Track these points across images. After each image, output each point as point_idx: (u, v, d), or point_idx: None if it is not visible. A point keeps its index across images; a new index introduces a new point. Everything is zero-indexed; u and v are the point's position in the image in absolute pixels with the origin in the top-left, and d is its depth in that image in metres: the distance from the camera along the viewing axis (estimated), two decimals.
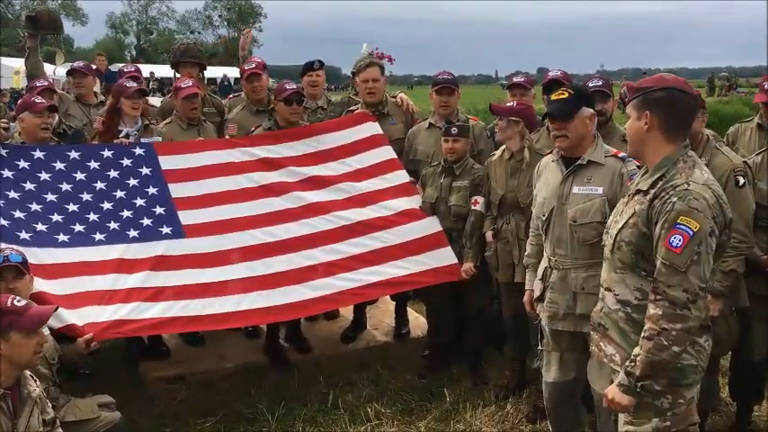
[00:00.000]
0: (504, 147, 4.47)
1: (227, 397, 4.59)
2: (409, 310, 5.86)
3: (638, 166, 3.10)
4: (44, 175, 4.43)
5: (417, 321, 5.82)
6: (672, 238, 2.45)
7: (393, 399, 4.53)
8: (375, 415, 4.32)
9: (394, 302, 5.70)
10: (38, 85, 5.26)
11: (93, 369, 4.78)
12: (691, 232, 2.43)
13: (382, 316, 5.95)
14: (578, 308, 3.32)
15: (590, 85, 4.64)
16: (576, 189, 3.39)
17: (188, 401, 4.54)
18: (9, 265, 3.48)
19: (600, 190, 3.32)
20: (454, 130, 4.66)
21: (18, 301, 2.98)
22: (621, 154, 3.41)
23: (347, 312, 5.76)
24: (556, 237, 3.43)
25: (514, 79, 4.99)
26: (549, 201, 3.47)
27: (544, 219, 3.48)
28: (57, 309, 3.32)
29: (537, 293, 3.57)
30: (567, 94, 3.39)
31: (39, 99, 4.74)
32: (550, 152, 3.68)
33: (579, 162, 3.40)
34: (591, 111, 3.39)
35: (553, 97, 3.48)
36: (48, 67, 7.63)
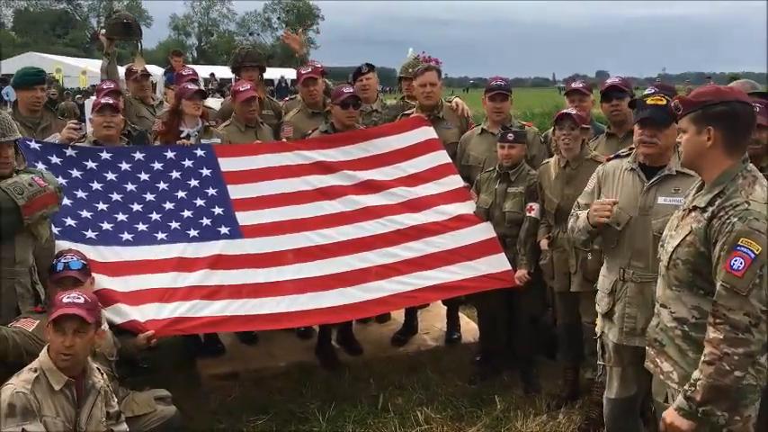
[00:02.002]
0: (556, 155, 4.42)
1: (279, 395, 4.66)
2: (461, 315, 5.84)
3: None
4: (110, 176, 4.58)
5: (469, 327, 5.80)
6: (733, 261, 2.38)
7: (443, 404, 4.53)
8: (425, 419, 4.31)
9: (445, 307, 5.69)
10: (104, 87, 5.42)
11: (151, 364, 4.92)
12: (752, 255, 2.36)
13: (433, 320, 5.96)
14: None
15: (608, 81, 4.57)
16: (661, 200, 3.29)
17: (241, 398, 4.63)
18: (68, 275, 3.61)
19: None
20: (510, 136, 4.63)
21: (78, 298, 3.09)
22: None
23: (398, 315, 5.78)
24: (635, 249, 3.34)
25: (573, 85, 4.92)
26: (627, 211, 3.36)
27: (619, 229, 3.38)
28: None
29: (604, 308, 3.49)
30: (665, 101, 3.28)
31: (104, 99, 4.88)
32: (613, 157, 3.60)
33: (666, 172, 3.32)
34: None
35: (650, 101, 3.34)
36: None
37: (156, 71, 12.24)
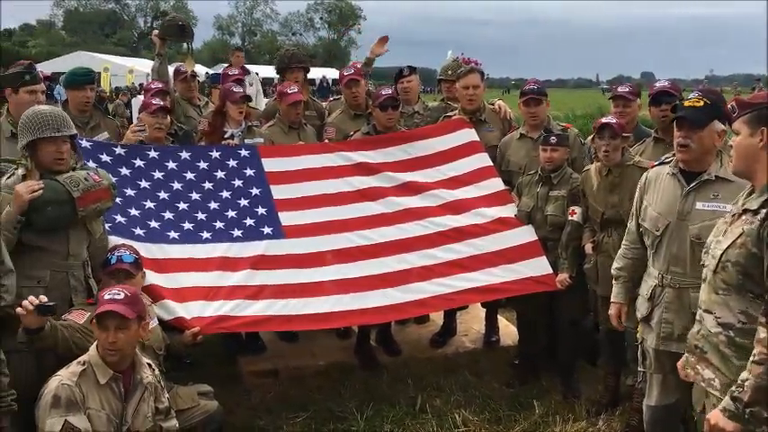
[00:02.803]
0: (596, 163, 4.38)
1: (318, 394, 4.70)
2: (499, 317, 5.83)
3: None
4: (158, 174, 4.68)
5: (507, 330, 5.78)
6: None
7: (481, 406, 4.52)
8: (463, 421, 4.31)
9: (484, 309, 5.68)
10: (152, 87, 5.54)
11: (193, 359, 5.02)
12: None
13: (472, 322, 5.95)
14: None
15: (657, 85, 4.48)
16: (699, 205, 3.25)
17: (281, 396, 4.68)
18: (121, 267, 3.70)
19: (729, 207, 3.14)
20: (553, 140, 4.60)
21: (118, 294, 3.14)
22: None
23: (437, 317, 5.79)
24: (672, 254, 3.32)
25: (619, 89, 4.86)
26: (666, 216, 3.34)
27: (658, 234, 3.37)
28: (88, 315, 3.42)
29: (644, 313, 3.46)
30: (702, 103, 3.23)
31: (155, 101, 5.01)
32: (658, 164, 3.57)
33: (705, 177, 3.27)
34: (722, 126, 3.23)
35: (687, 103, 3.31)
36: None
37: (201, 70, 12.35)
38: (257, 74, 10.41)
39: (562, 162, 4.66)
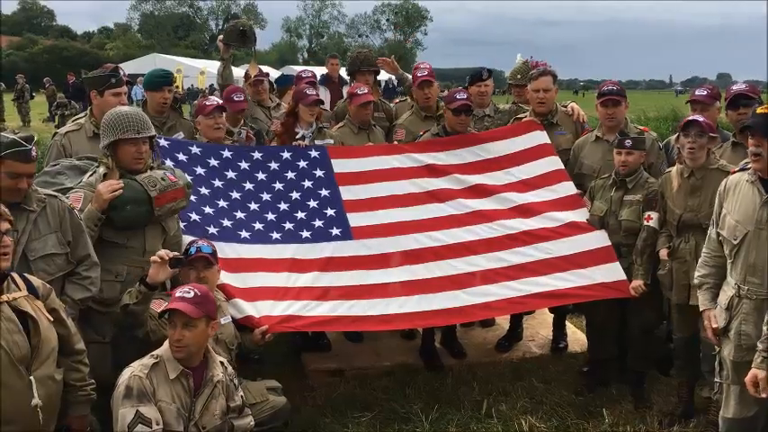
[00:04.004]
0: (678, 165, 4.24)
1: (383, 394, 4.71)
2: (567, 323, 5.72)
3: None
4: (230, 174, 4.79)
5: (575, 336, 5.67)
6: None
7: (548, 413, 4.44)
8: (529, 428, 4.25)
9: (552, 315, 5.59)
10: (235, 99, 5.46)
11: (262, 356, 5.10)
12: None
13: (539, 327, 5.86)
14: None
15: (734, 87, 4.31)
16: None
17: (346, 395, 4.71)
18: (201, 255, 3.78)
19: None
20: (628, 143, 4.48)
21: (188, 293, 3.23)
22: None
23: (503, 321, 5.73)
24: (750, 264, 3.23)
25: (696, 92, 4.70)
26: (744, 225, 3.26)
27: (735, 243, 3.28)
28: (163, 313, 3.44)
29: (721, 323, 3.36)
30: None
31: (208, 101, 5.07)
32: (738, 170, 3.45)
33: None
34: None
35: (759, 110, 3.23)
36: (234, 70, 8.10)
37: (275, 74, 12.49)
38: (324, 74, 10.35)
39: (637, 166, 4.54)
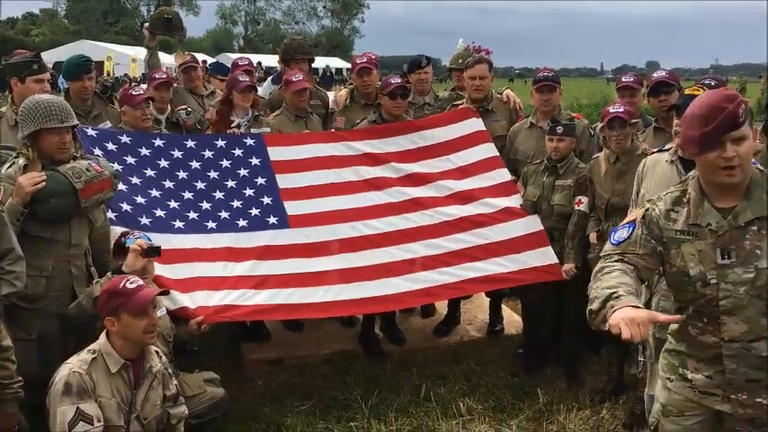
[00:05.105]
0: (605, 150, 4.37)
1: (323, 382, 4.72)
2: (504, 307, 5.84)
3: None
4: (163, 163, 4.68)
5: (511, 319, 5.79)
6: None
7: (485, 395, 4.54)
8: (467, 410, 4.33)
9: (489, 299, 5.69)
10: (156, 77, 5.50)
11: (200, 347, 5.04)
12: None
13: (476, 311, 5.96)
14: None
15: (654, 75, 4.45)
16: None
17: (285, 384, 4.70)
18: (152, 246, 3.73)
19: None
20: (560, 129, 4.59)
21: (131, 284, 3.15)
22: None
23: (442, 309, 5.80)
24: None
25: (623, 79, 4.84)
26: None
27: None
28: (165, 293, 3.52)
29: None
30: (701, 92, 3.20)
31: (136, 91, 4.94)
32: (657, 151, 3.57)
33: None
34: None
35: (687, 91, 3.38)
36: (164, 57, 7.92)
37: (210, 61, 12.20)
38: (260, 62, 10.24)
39: (568, 152, 4.65)
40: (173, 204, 4.54)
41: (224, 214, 4.63)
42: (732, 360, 2.44)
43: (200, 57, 7.76)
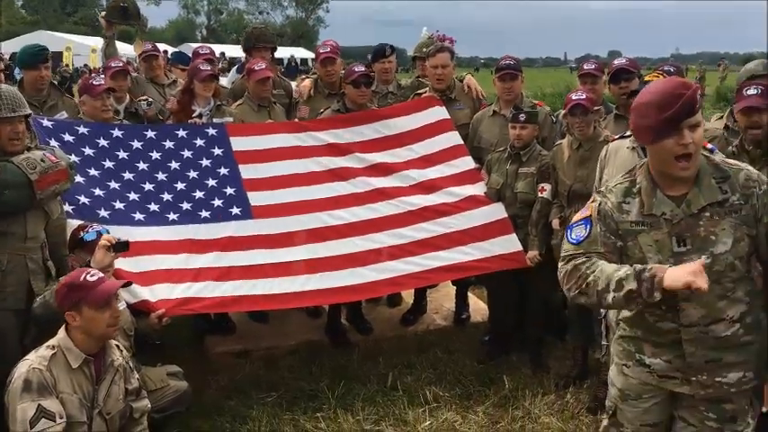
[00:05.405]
0: (568, 137, 4.41)
1: (289, 373, 4.70)
2: (470, 295, 5.86)
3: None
4: (122, 154, 4.58)
5: (477, 306, 5.83)
6: None
7: (451, 383, 4.56)
8: (433, 398, 4.34)
9: (455, 287, 5.71)
10: (112, 66, 5.39)
11: (161, 340, 4.96)
12: None
13: (443, 300, 5.98)
14: None
15: (615, 62, 4.51)
16: None
17: (251, 376, 4.67)
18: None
19: None
20: (522, 117, 4.61)
21: (91, 276, 3.08)
22: (710, 145, 3.31)
23: (409, 298, 5.80)
24: None
25: (585, 66, 4.88)
26: None
27: None
28: (128, 284, 3.45)
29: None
30: (660, 78, 3.28)
31: (96, 81, 4.82)
32: (618, 137, 3.61)
33: None
34: None
35: (646, 78, 3.39)
36: (122, 46, 7.78)
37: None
38: (223, 53, 10.13)
39: (531, 139, 4.68)
40: (132, 196, 4.46)
41: (186, 205, 4.56)
42: (691, 344, 2.48)
43: (161, 47, 7.62)
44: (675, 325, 2.49)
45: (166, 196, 4.56)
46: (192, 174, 4.70)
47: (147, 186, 4.55)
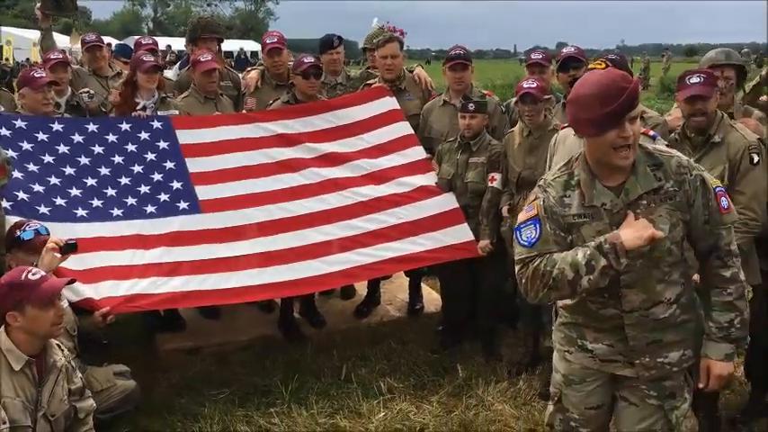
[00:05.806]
0: (520, 124, 4.45)
1: (242, 369, 4.64)
2: (423, 285, 5.88)
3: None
4: (62, 148, 4.45)
5: (431, 297, 5.84)
6: None
7: (406, 373, 4.56)
8: (388, 389, 4.34)
9: (408, 278, 5.72)
10: (51, 57, 5.24)
11: (109, 339, 4.84)
12: None
13: (396, 291, 5.98)
14: None
15: (564, 51, 4.58)
16: None
17: (202, 373, 4.60)
18: (41, 240, 3.55)
19: None
20: (471, 107, 4.63)
21: (33, 275, 3.00)
22: (652, 132, 3.37)
23: (362, 290, 5.79)
24: None
25: (532, 56, 4.93)
26: None
27: None
28: (71, 282, 3.35)
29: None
30: (604, 65, 3.30)
31: (38, 74, 4.68)
32: (567, 125, 3.65)
33: None
34: None
35: (591, 66, 3.43)
36: (63, 39, 7.57)
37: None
38: (169, 45, 9.94)
39: (481, 129, 4.70)
40: (74, 192, 4.33)
41: (131, 200, 4.45)
42: (633, 328, 2.54)
43: (106, 40, 7.40)
44: (617, 311, 2.54)
45: (110, 191, 4.44)
46: (137, 168, 4.59)
47: (90, 181, 4.43)
